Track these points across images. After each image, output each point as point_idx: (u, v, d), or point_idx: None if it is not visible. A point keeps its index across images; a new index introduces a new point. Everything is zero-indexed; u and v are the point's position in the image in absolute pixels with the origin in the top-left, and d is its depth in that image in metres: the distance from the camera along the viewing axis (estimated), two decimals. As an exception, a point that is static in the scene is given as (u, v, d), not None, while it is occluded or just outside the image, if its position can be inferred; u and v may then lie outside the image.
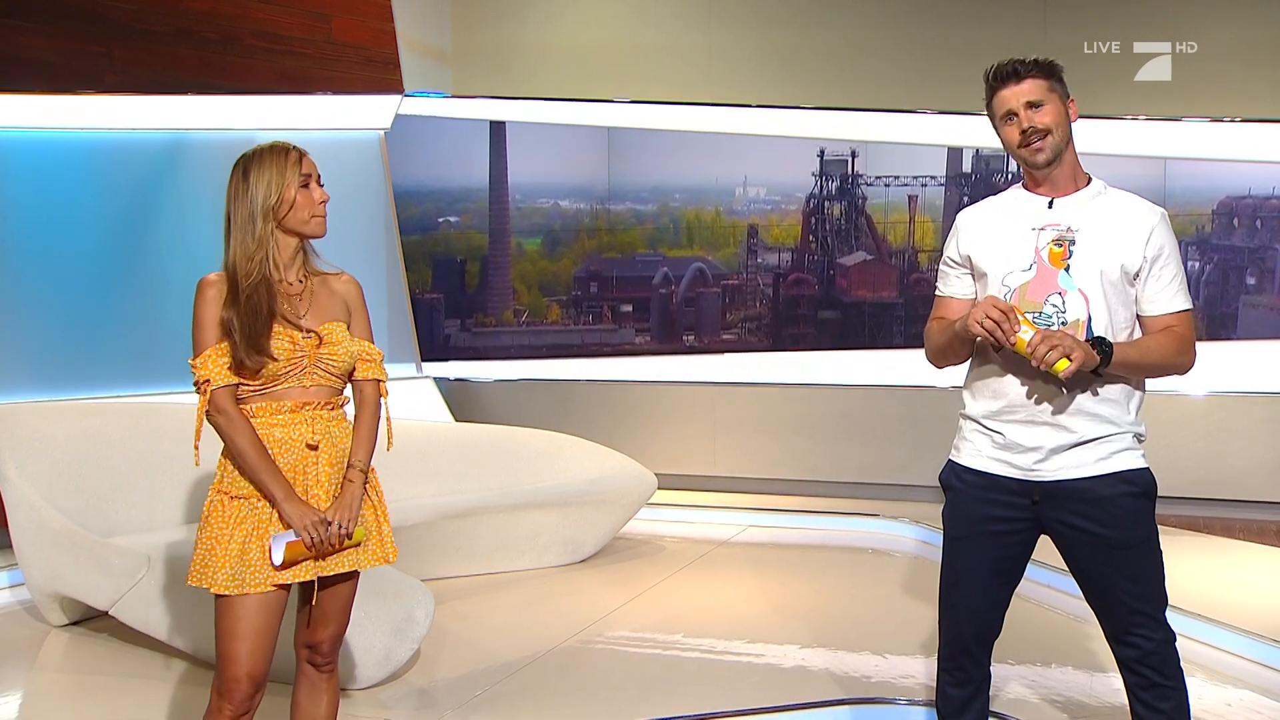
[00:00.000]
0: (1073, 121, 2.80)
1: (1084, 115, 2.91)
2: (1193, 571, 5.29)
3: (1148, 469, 2.79)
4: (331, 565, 2.78)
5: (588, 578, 5.62)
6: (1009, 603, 2.92)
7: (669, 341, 8.06)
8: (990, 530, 2.83)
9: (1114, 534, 2.74)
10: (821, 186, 7.77)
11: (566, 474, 5.98)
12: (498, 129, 7.99)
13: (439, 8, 8.13)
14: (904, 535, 6.38)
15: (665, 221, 8.03)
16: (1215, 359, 6.94)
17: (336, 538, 2.74)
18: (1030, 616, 4.72)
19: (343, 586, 2.87)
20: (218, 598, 2.72)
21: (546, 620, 4.87)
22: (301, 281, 2.84)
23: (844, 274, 7.85)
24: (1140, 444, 2.80)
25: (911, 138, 7.58)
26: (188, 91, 6.66)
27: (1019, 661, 4.18)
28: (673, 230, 8.03)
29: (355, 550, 2.82)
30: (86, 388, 6.24)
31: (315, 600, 2.81)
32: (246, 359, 2.69)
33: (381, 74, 7.44)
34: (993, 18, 7.33)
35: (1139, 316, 2.80)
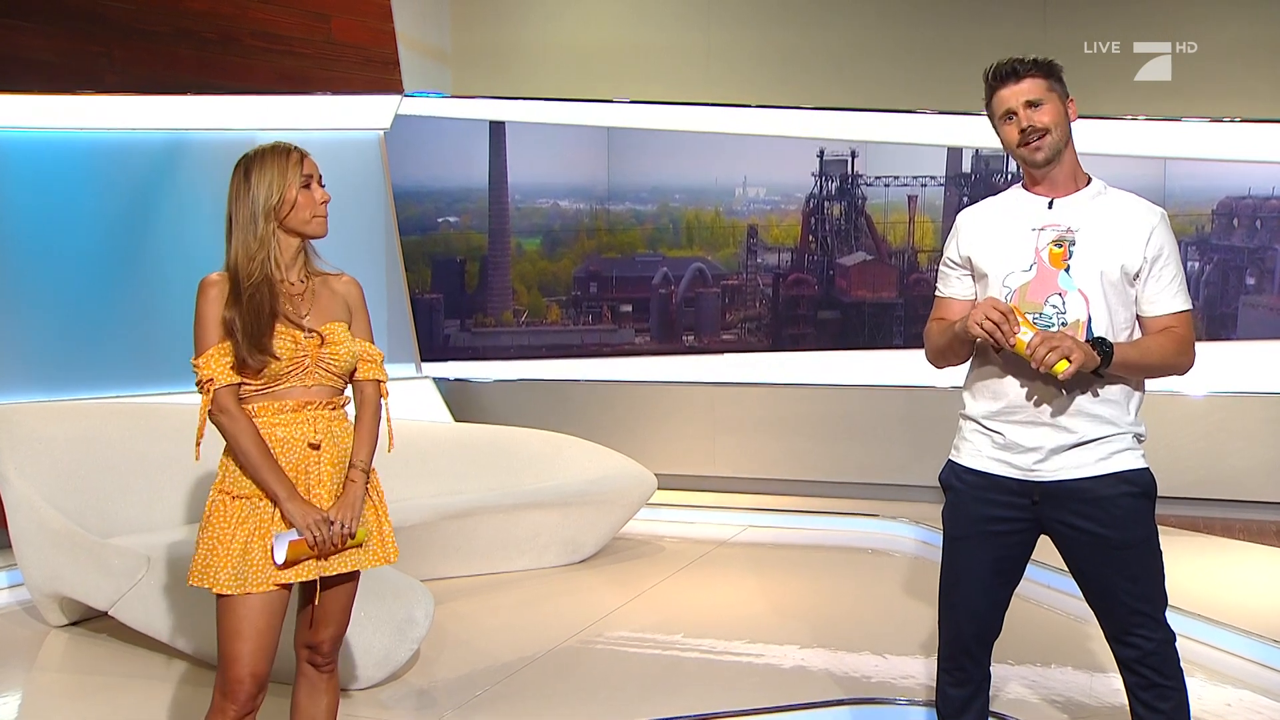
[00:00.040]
0: (1072, 121, 2.80)
1: (1084, 115, 2.91)
2: (1193, 571, 5.29)
3: (1148, 469, 2.79)
4: (333, 565, 2.78)
5: (587, 578, 5.62)
6: (1009, 603, 2.92)
7: (669, 342, 8.06)
8: (990, 530, 2.83)
9: (1114, 534, 2.74)
10: (821, 187, 7.77)
11: (566, 474, 5.98)
12: (497, 129, 7.99)
13: (439, 8, 8.12)
14: (904, 535, 6.38)
15: (665, 222, 8.03)
16: (1215, 359, 6.95)
17: (339, 537, 2.74)
18: (1030, 616, 4.72)
19: (343, 587, 2.87)
20: (220, 598, 2.72)
21: (546, 620, 4.87)
22: (303, 282, 2.85)
23: (844, 274, 7.84)
24: (1140, 444, 2.80)
25: (911, 138, 7.58)
26: (187, 91, 6.66)
27: (1019, 661, 4.18)
28: (672, 230, 8.03)
29: (357, 550, 2.83)
30: (86, 388, 6.24)
31: (318, 601, 2.81)
32: (249, 358, 2.69)
33: (381, 74, 7.43)
34: (993, 18, 7.33)
35: (1138, 317, 2.80)
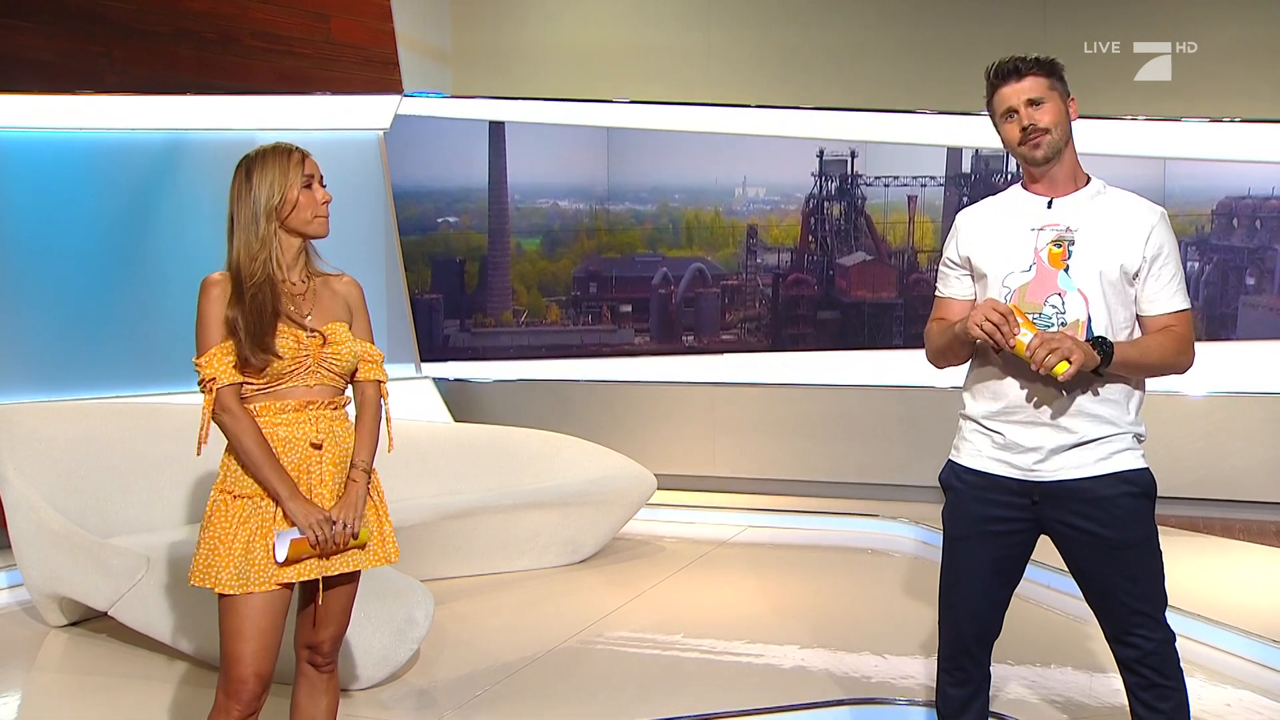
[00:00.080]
0: (1073, 120, 2.80)
1: (1084, 115, 2.91)
2: (1193, 571, 5.29)
3: (1148, 469, 2.79)
4: (335, 565, 2.79)
5: (587, 578, 5.62)
6: (1009, 603, 2.92)
7: (668, 342, 8.06)
8: (990, 530, 2.83)
9: (1114, 534, 2.73)
10: (821, 187, 7.77)
11: (566, 474, 5.98)
12: (497, 129, 7.99)
13: (438, 8, 8.12)
14: (903, 535, 6.38)
15: (664, 222, 8.03)
16: (1215, 359, 6.95)
17: (341, 537, 2.74)
18: (1030, 616, 4.72)
19: (344, 587, 2.87)
20: (222, 597, 2.72)
21: (546, 621, 4.87)
22: (304, 282, 2.85)
23: (843, 274, 7.84)
24: (1140, 444, 2.80)
25: (911, 138, 7.58)
26: (187, 92, 6.66)
27: (1019, 661, 4.18)
28: (672, 230, 8.02)
29: (358, 550, 2.83)
30: (86, 388, 6.23)
31: (321, 601, 2.81)
32: (252, 357, 2.69)
33: (381, 74, 7.43)
34: (993, 18, 7.33)
35: (1138, 316, 2.80)
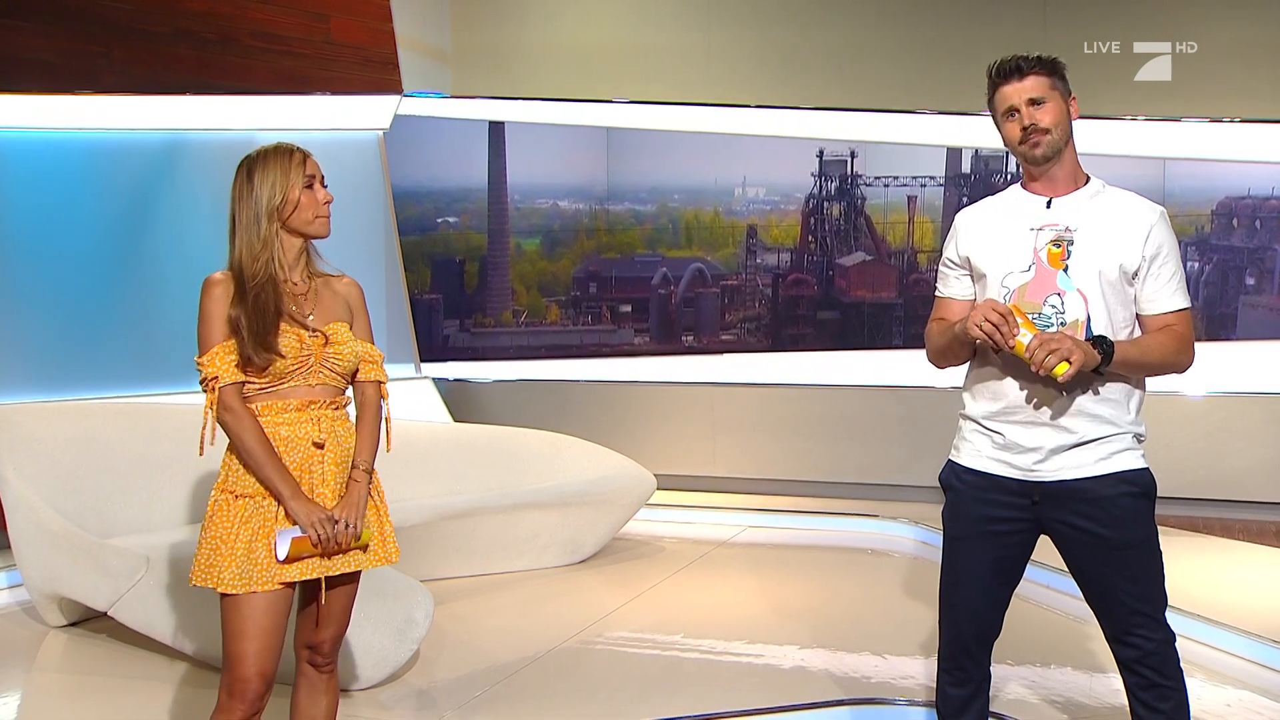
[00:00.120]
0: (1074, 119, 2.80)
1: (1084, 115, 2.91)
2: (1193, 572, 5.29)
3: (1148, 469, 2.79)
4: (336, 565, 2.79)
5: (587, 578, 5.61)
6: (1009, 603, 2.92)
7: (668, 342, 8.06)
8: (990, 530, 2.83)
9: (1114, 534, 2.73)
10: (821, 187, 7.77)
11: (566, 474, 5.98)
12: (496, 129, 7.99)
13: (438, 8, 8.12)
14: (903, 536, 6.38)
15: (664, 222, 8.03)
16: (1215, 359, 6.95)
17: (343, 536, 2.74)
18: (1030, 616, 4.72)
19: (344, 588, 2.87)
20: (224, 597, 2.71)
21: (546, 621, 4.87)
22: (306, 282, 2.86)
23: (843, 274, 7.84)
24: (1140, 444, 2.79)
25: (911, 138, 7.58)
26: (186, 92, 6.65)
27: (1019, 661, 4.18)
28: (672, 230, 8.02)
29: (359, 551, 2.83)
30: (85, 388, 6.23)
31: (324, 599, 2.81)
32: (255, 356, 2.69)
33: (380, 74, 7.43)
34: (993, 18, 7.33)
35: (1138, 315, 2.79)
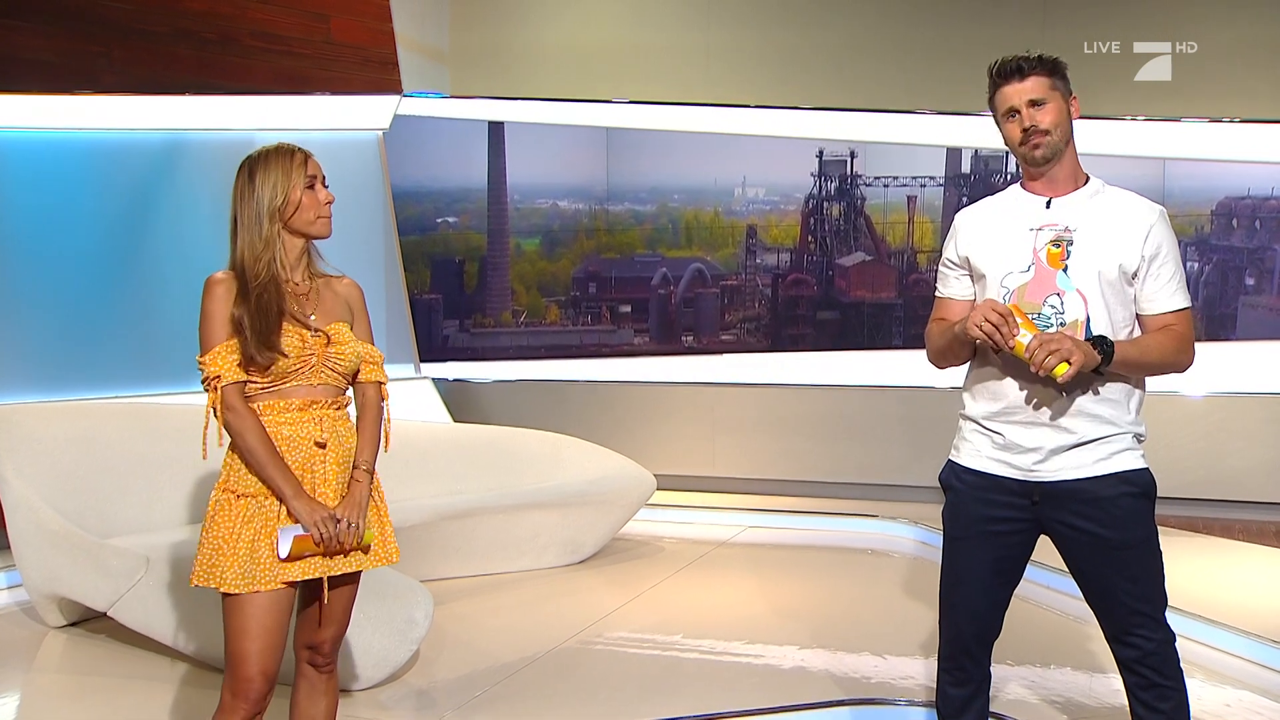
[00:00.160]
0: (1074, 119, 2.80)
1: (1084, 115, 2.90)
2: (1193, 572, 5.29)
3: (1147, 469, 2.79)
4: (338, 565, 2.79)
5: (587, 578, 5.61)
6: (1009, 603, 2.92)
7: (668, 342, 8.06)
8: (990, 530, 2.83)
9: (1114, 534, 2.73)
10: (820, 187, 7.77)
11: (566, 474, 5.97)
12: (496, 129, 7.98)
13: (437, 8, 8.12)
14: (903, 536, 6.38)
15: (664, 222, 8.03)
16: (1214, 359, 6.95)
17: (345, 536, 2.74)
18: (1030, 616, 4.72)
19: (345, 588, 2.87)
20: (226, 597, 2.71)
21: (546, 621, 4.87)
22: (307, 282, 2.86)
23: (843, 274, 7.84)
24: (1140, 444, 2.79)
25: (910, 138, 7.58)
26: (186, 92, 6.65)
27: (1019, 661, 4.18)
28: (671, 231, 8.02)
29: (360, 551, 2.83)
30: (85, 388, 6.23)
31: (326, 599, 2.81)
32: (258, 355, 2.69)
33: (380, 74, 7.43)
34: (992, 18, 7.34)
35: (1138, 315, 2.79)
